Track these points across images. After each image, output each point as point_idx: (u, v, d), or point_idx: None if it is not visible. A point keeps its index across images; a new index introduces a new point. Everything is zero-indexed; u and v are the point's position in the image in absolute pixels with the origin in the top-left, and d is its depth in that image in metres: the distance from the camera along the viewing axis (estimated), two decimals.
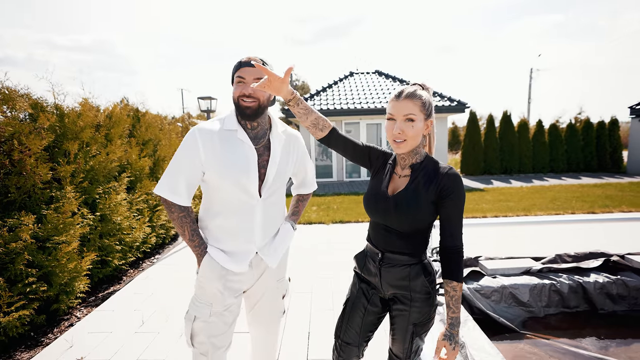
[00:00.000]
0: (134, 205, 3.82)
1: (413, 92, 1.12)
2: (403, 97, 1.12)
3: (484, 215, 5.93)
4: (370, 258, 1.30)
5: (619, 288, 2.82)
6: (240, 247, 1.31)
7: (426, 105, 1.13)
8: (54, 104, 2.95)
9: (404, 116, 1.12)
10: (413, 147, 1.15)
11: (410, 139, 1.12)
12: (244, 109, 1.21)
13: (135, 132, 4.30)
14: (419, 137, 1.14)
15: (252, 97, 1.20)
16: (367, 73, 13.58)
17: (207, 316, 1.27)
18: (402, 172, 1.22)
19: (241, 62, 1.22)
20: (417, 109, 1.11)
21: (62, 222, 2.63)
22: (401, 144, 1.13)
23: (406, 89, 1.14)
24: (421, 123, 1.13)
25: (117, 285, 3.33)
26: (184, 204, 1.25)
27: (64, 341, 2.32)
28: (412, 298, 1.21)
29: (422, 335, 1.26)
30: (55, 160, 2.83)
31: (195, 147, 1.21)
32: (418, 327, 1.23)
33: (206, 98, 6.35)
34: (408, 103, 1.11)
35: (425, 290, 1.21)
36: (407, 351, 1.26)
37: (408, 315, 1.23)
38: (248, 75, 1.20)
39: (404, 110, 1.11)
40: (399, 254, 1.20)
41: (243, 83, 1.21)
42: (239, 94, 1.21)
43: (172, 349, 2.22)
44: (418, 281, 1.20)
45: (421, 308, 1.21)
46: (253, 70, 1.20)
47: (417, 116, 1.11)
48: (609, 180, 10.29)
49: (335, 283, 3.21)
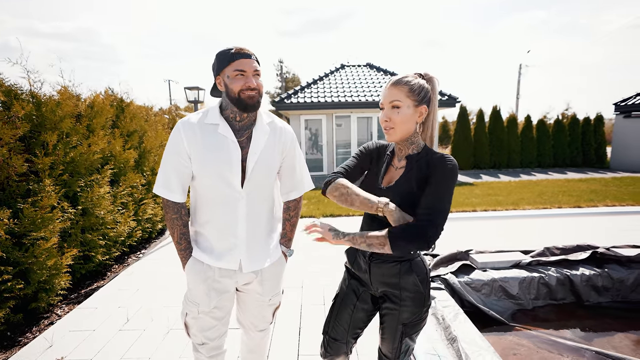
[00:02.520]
0: (118, 198, 3.69)
1: (400, 79, 1.10)
2: (389, 84, 1.11)
3: (473, 209, 5.99)
4: (360, 253, 1.27)
5: (604, 280, 2.87)
6: (225, 243, 1.27)
7: (415, 90, 1.08)
8: (30, 91, 2.79)
9: (389, 103, 1.10)
10: (403, 134, 1.12)
11: (397, 126, 1.10)
12: (247, 100, 1.17)
13: (119, 123, 4.14)
14: (408, 124, 1.10)
15: (256, 90, 1.18)
16: (358, 66, 13.48)
17: (195, 313, 1.29)
18: (398, 164, 1.18)
19: (234, 53, 1.16)
20: (402, 95, 1.08)
21: (40, 217, 2.50)
22: (390, 132, 1.12)
23: (394, 77, 1.12)
24: (409, 109, 1.09)
25: (100, 282, 3.22)
26: (178, 200, 1.26)
27: (43, 340, 2.23)
28: (402, 297, 1.17)
29: (412, 335, 1.22)
30: (32, 151, 2.68)
31: (180, 141, 1.21)
32: (408, 327, 1.19)
33: (193, 88, 6.17)
34: (393, 90, 1.09)
35: (415, 289, 1.16)
36: (396, 351, 1.22)
37: (398, 315, 1.19)
38: (248, 68, 1.16)
39: (389, 97, 1.10)
40: None
41: (244, 76, 1.16)
42: (242, 87, 1.16)
43: (158, 347, 2.15)
44: (409, 279, 1.15)
45: (411, 308, 1.17)
46: (250, 61, 1.17)
47: (402, 102, 1.08)
48: (594, 175, 10.55)
49: (326, 277, 3.18)
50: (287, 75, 35.09)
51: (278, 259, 1.40)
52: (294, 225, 1.45)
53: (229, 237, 1.26)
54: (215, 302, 1.28)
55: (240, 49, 1.16)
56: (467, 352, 1.82)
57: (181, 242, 1.28)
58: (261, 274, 1.34)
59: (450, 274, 2.82)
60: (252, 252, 1.30)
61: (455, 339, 1.96)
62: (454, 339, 1.97)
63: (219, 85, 1.23)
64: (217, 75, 1.22)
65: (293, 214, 1.45)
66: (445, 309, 2.28)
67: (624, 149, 12.30)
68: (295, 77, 36.28)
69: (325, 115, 11.22)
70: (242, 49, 1.17)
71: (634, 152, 11.88)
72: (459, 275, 2.82)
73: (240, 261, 1.28)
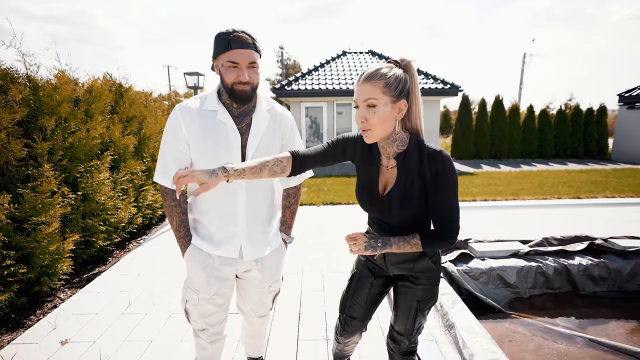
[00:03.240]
0: (118, 184, 3.69)
1: (373, 72, 0.97)
2: (362, 80, 0.98)
3: (473, 199, 6.00)
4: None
5: (600, 270, 2.91)
6: (224, 231, 1.27)
7: (391, 85, 0.96)
8: (26, 75, 2.75)
9: (363, 102, 0.99)
10: (383, 135, 1.02)
11: (375, 127, 0.99)
12: (239, 93, 1.14)
13: (118, 109, 4.09)
14: (386, 123, 0.99)
15: (249, 83, 1.13)
16: (360, 53, 13.27)
17: (195, 300, 1.30)
18: (388, 163, 1.12)
19: (230, 40, 1.08)
20: (377, 92, 0.96)
21: (41, 202, 2.50)
22: (367, 133, 1.01)
23: (367, 70, 0.99)
24: (386, 107, 0.97)
25: (102, 267, 3.25)
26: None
27: (47, 323, 2.26)
28: (417, 276, 1.21)
29: (425, 312, 1.26)
30: (30, 136, 2.66)
31: (178, 127, 1.18)
32: (422, 303, 1.23)
33: (193, 74, 6.08)
34: (367, 86, 0.97)
35: (430, 269, 1.20)
36: (410, 328, 1.26)
37: (413, 293, 1.22)
38: (242, 60, 1.09)
39: (363, 94, 0.98)
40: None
41: (236, 68, 1.11)
42: (234, 80, 1.12)
43: (160, 330, 2.18)
44: (422, 263, 1.18)
45: (426, 285, 1.21)
46: (246, 52, 1.09)
47: (378, 100, 0.96)
48: (594, 167, 10.53)
49: (326, 264, 3.20)
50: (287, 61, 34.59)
51: (278, 247, 1.39)
52: (293, 212, 1.45)
53: (229, 226, 1.26)
54: (215, 289, 1.29)
55: (238, 36, 1.08)
56: (464, 338, 1.85)
57: (180, 230, 1.27)
58: (261, 262, 1.34)
59: (449, 262, 2.85)
60: (252, 241, 1.29)
61: (452, 325, 1.99)
62: (451, 326, 2.00)
63: (216, 70, 1.19)
64: (213, 59, 1.17)
65: (293, 201, 1.43)
66: (443, 297, 2.31)
67: (626, 140, 12.24)
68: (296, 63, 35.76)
69: (326, 102, 11.12)
70: (240, 37, 1.08)
71: (637, 144, 11.82)
72: (458, 264, 2.84)
73: (240, 249, 1.28)
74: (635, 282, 2.90)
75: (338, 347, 1.49)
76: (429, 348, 1.87)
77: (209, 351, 1.39)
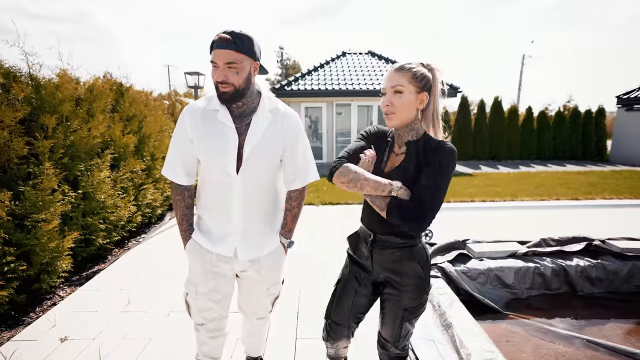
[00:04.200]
0: (118, 183, 3.70)
1: (403, 64, 1.11)
2: (392, 69, 1.12)
3: (472, 200, 6.02)
4: (362, 240, 1.29)
5: (598, 271, 2.92)
6: (220, 229, 1.29)
7: (418, 77, 1.09)
8: (29, 73, 2.76)
9: (391, 87, 1.10)
10: (404, 120, 1.13)
11: (399, 111, 1.10)
12: (221, 94, 1.16)
13: (118, 108, 4.10)
14: (409, 110, 1.11)
15: (226, 83, 1.12)
16: (360, 54, 13.27)
17: (194, 294, 1.33)
18: (399, 150, 1.20)
19: (214, 41, 1.11)
20: (404, 80, 1.09)
21: (42, 199, 2.51)
22: (390, 116, 1.12)
23: (398, 63, 1.13)
24: (411, 95, 1.10)
25: (101, 265, 3.26)
26: (182, 183, 1.30)
27: (46, 320, 2.27)
28: (403, 283, 1.20)
29: (412, 320, 1.25)
30: (32, 134, 2.67)
31: (184, 126, 1.23)
32: (408, 312, 1.22)
33: (194, 73, 6.08)
34: (396, 75, 1.10)
35: (417, 275, 1.19)
36: (397, 336, 1.26)
37: (399, 300, 1.22)
38: (219, 60, 1.11)
39: (391, 81, 1.10)
40: (392, 235, 1.18)
41: (216, 67, 1.13)
42: (215, 80, 1.15)
43: (159, 328, 2.20)
44: (410, 265, 1.18)
45: (412, 294, 1.20)
46: (224, 53, 1.09)
47: (405, 87, 1.09)
48: (592, 168, 10.57)
49: (326, 265, 3.22)
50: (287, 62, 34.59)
51: (276, 249, 1.38)
52: (295, 216, 1.40)
53: (224, 224, 1.28)
54: (212, 284, 1.30)
55: (219, 37, 1.09)
56: (462, 338, 1.87)
57: (182, 223, 1.33)
58: (258, 263, 1.34)
59: (447, 262, 2.86)
60: (247, 241, 1.29)
61: (450, 325, 2.00)
62: (449, 326, 2.01)
63: None
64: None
65: (295, 204, 1.39)
66: (441, 297, 2.33)
67: (624, 142, 12.28)
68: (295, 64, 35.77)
69: (325, 103, 11.12)
70: (220, 37, 1.09)
71: (635, 146, 11.86)
72: (456, 264, 2.86)
73: (235, 249, 1.28)
74: (632, 283, 2.92)
75: (329, 351, 1.48)
76: (427, 348, 1.89)
77: (209, 346, 1.39)
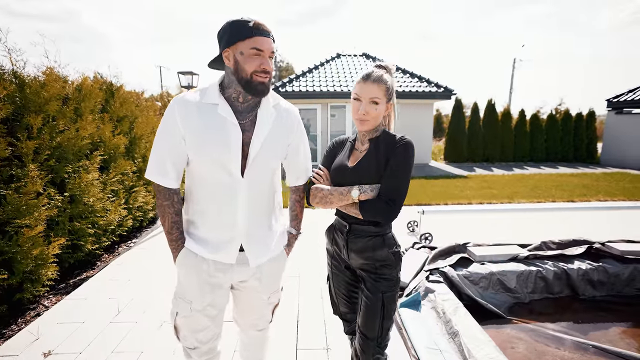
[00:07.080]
0: (108, 186, 3.56)
1: (380, 76, 1.22)
2: (370, 80, 1.21)
3: (469, 202, 6.00)
4: (338, 230, 1.37)
5: (599, 274, 2.89)
6: (223, 235, 1.17)
7: (389, 90, 1.24)
8: (12, 71, 2.62)
9: (369, 99, 1.21)
10: (374, 126, 1.27)
11: (372, 119, 1.24)
12: (258, 85, 1.07)
13: (108, 108, 3.97)
14: (380, 117, 1.26)
15: (268, 72, 1.08)
16: (354, 55, 13.28)
17: (188, 312, 1.19)
18: (362, 147, 1.32)
19: (254, 28, 1.03)
20: (381, 93, 1.21)
21: (25, 204, 2.38)
22: (364, 123, 1.25)
23: (374, 73, 1.23)
24: (383, 106, 1.24)
25: (90, 272, 3.12)
26: (171, 186, 1.16)
27: (28, 333, 2.13)
28: (377, 266, 1.28)
29: (390, 306, 1.27)
30: (15, 135, 2.53)
31: (174, 121, 1.09)
32: (387, 294, 1.25)
33: (187, 73, 5.96)
34: (374, 87, 1.21)
35: (389, 259, 1.27)
36: (379, 329, 1.26)
37: (377, 287, 1.26)
38: (266, 48, 1.05)
39: (370, 93, 1.21)
40: (365, 225, 1.27)
41: (260, 56, 1.04)
42: (256, 68, 1.05)
43: (152, 340, 2.08)
44: (382, 252, 1.27)
45: (387, 275, 1.28)
46: (269, 41, 1.06)
47: (380, 100, 1.22)
48: (585, 171, 10.70)
49: (323, 266, 3.13)
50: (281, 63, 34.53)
51: (279, 254, 1.30)
52: (302, 206, 1.41)
53: (227, 229, 1.16)
54: (209, 298, 1.19)
55: (259, 24, 1.03)
56: (469, 347, 1.80)
57: (172, 232, 1.17)
58: (260, 270, 1.24)
59: (449, 266, 2.80)
60: (252, 246, 1.20)
61: (456, 333, 1.93)
62: (455, 334, 1.94)
63: (227, 60, 1.09)
64: (226, 48, 1.07)
65: (303, 195, 1.40)
66: (445, 303, 2.26)
67: (614, 144, 12.47)
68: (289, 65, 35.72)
69: (319, 105, 11.06)
70: (261, 25, 1.04)
71: (625, 148, 12.05)
72: (457, 269, 2.80)
73: (238, 255, 1.18)
74: (634, 286, 2.90)
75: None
76: (433, 358, 1.81)
77: None
